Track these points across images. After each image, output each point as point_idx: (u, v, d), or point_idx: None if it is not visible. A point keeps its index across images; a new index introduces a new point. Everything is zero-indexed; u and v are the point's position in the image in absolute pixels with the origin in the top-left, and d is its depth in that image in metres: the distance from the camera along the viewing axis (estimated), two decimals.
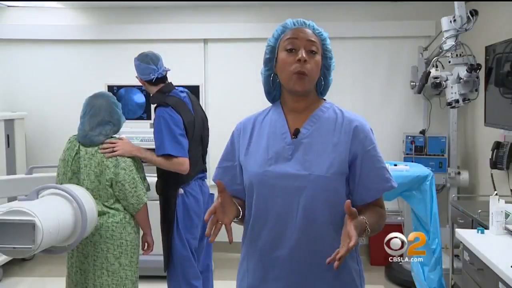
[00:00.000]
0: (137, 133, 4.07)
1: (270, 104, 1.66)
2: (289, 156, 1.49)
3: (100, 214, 2.43)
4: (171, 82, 2.88)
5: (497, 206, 2.42)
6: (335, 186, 1.46)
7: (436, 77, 3.67)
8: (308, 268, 1.47)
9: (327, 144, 1.48)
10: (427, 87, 3.88)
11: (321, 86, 1.57)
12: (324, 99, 1.60)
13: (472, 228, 2.81)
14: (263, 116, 1.61)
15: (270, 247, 1.49)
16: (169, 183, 2.78)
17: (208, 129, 3.03)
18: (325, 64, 1.54)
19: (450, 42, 3.54)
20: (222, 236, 1.35)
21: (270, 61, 1.56)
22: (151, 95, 2.89)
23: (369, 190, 1.49)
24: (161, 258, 2.86)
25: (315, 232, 1.44)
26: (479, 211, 2.80)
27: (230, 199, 1.43)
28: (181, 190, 2.78)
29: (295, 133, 1.51)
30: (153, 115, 3.63)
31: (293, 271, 1.47)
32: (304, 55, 1.46)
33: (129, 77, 3.32)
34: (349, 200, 1.31)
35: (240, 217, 1.50)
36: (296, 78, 1.47)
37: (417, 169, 3.49)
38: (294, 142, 1.50)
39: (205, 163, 2.99)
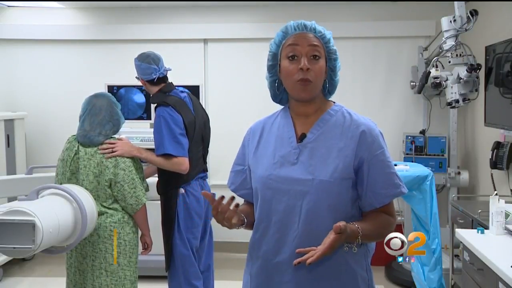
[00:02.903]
0: (137, 133, 4.06)
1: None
2: (294, 160, 1.49)
3: (99, 214, 2.43)
4: (171, 82, 2.88)
5: (497, 206, 2.42)
6: (338, 191, 1.45)
7: (436, 77, 3.67)
8: (310, 274, 1.45)
9: (332, 149, 1.47)
10: (427, 87, 3.88)
11: (327, 88, 1.54)
12: (334, 102, 1.59)
13: (472, 228, 2.81)
14: (272, 120, 1.61)
15: (272, 252, 1.49)
16: (170, 183, 2.78)
17: (209, 129, 3.03)
18: (330, 66, 1.52)
19: (450, 42, 3.54)
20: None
21: (273, 68, 1.55)
22: (151, 95, 2.89)
23: (377, 196, 1.49)
24: (161, 258, 2.86)
25: (317, 237, 1.42)
26: (479, 211, 2.80)
27: (226, 207, 1.38)
28: (182, 190, 2.78)
29: (301, 138, 1.51)
30: (153, 115, 3.63)
31: (296, 277, 1.46)
32: (306, 63, 1.44)
33: (129, 77, 3.32)
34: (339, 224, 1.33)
35: (245, 224, 1.50)
36: (300, 86, 1.46)
37: (417, 169, 3.48)
38: (299, 146, 1.50)
39: (206, 163, 2.99)
